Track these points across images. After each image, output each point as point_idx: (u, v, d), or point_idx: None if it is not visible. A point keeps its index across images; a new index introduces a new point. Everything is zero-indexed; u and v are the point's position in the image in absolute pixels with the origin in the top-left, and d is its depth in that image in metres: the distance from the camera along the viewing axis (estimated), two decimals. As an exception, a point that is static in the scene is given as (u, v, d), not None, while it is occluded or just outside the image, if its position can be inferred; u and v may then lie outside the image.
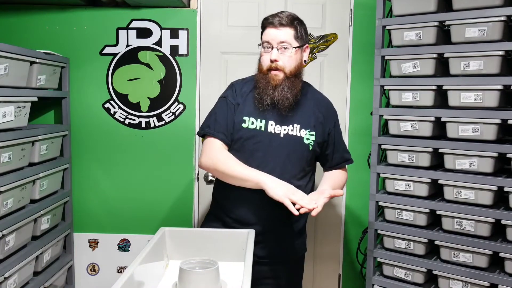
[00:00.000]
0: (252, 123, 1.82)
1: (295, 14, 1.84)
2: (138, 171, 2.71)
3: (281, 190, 1.65)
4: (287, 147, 1.81)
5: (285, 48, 1.77)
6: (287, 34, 1.77)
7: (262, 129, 1.81)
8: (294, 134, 1.82)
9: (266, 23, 1.80)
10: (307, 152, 1.84)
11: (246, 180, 1.73)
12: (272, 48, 1.77)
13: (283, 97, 1.78)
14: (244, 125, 1.81)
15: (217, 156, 1.79)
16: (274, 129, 1.81)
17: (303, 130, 1.83)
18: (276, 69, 1.77)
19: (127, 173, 2.72)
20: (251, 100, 1.85)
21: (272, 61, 1.77)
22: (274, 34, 1.77)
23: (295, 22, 1.80)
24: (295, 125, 1.83)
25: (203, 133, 1.87)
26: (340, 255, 2.76)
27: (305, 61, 1.87)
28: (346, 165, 2.03)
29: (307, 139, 1.83)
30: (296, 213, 1.60)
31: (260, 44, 1.83)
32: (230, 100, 1.86)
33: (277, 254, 1.87)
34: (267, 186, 1.67)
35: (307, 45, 1.87)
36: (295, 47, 1.79)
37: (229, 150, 1.84)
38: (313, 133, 1.85)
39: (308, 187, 1.89)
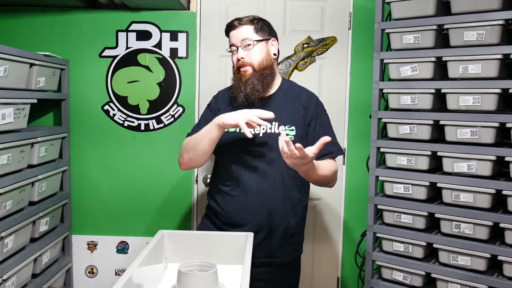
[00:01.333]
0: None
1: (257, 15, 1.93)
2: (137, 174, 2.71)
3: (234, 114, 1.70)
4: (267, 145, 1.84)
5: (248, 44, 1.84)
6: (246, 31, 1.85)
7: (241, 130, 1.83)
8: (273, 131, 1.85)
9: (228, 28, 1.90)
10: None
11: (209, 133, 1.78)
12: (237, 48, 1.85)
13: (253, 89, 1.82)
14: (225, 130, 1.85)
15: (183, 144, 1.89)
16: (253, 129, 1.84)
17: (282, 127, 1.85)
18: (244, 65, 1.84)
19: (126, 176, 2.72)
20: (232, 105, 1.90)
21: (238, 60, 1.85)
22: (235, 34, 1.86)
23: (254, 20, 1.88)
24: (273, 122, 1.85)
25: (188, 135, 1.95)
26: (339, 258, 2.76)
27: (274, 54, 1.92)
28: (332, 159, 1.88)
29: (287, 134, 1.84)
30: (250, 135, 1.65)
31: (228, 50, 1.91)
32: (213, 106, 1.99)
33: (267, 254, 1.86)
34: (222, 119, 1.73)
35: (273, 39, 1.92)
36: (257, 40, 1.85)
37: (215, 155, 1.93)
38: (293, 128, 1.85)
39: (301, 184, 1.90)
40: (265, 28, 1.89)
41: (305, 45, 2.65)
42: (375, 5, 2.07)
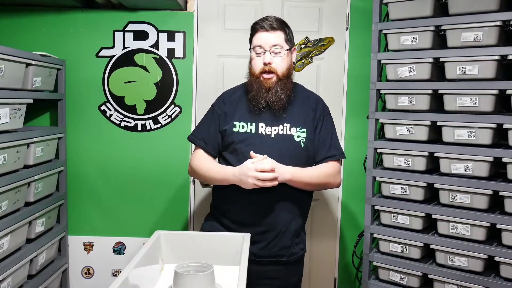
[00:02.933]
0: (243, 126, 1.87)
1: (281, 18, 1.92)
2: (133, 174, 2.71)
3: (248, 184, 1.72)
4: (279, 146, 1.84)
5: (278, 52, 1.83)
6: (278, 37, 1.83)
7: (253, 131, 1.86)
8: (285, 133, 1.86)
9: (257, 27, 1.86)
10: (299, 149, 1.86)
11: (224, 179, 1.83)
12: (265, 51, 1.83)
13: (277, 99, 1.83)
14: (235, 130, 1.87)
15: (195, 163, 1.92)
16: (265, 130, 1.85)
17: (293, 128, 1.86)
18: (270, 71, 1.83)
19: (123, 176, 2.71)
20: (242, 105, 1.90)
21: (265, 64, 1.82)
22: (266, 37, 1.83)
23: (283, 25, 1.87)
24: (285, 124, 1.86)
25: (188, 138, 2.00)
26: (336, 258, 2.76)
27: (294, 62, 1.93)
28: (335, 161, 1.92)
29: (298, 136, 1.86)
30: (270, 184, 1.71)
31: (251, 48, 1.88)
32: (216, 109, 1.95)
33: (275, 254, 1.87)
34: (240, 182, 1.76)
35: (294, 47, 1.94)
36: (287, 50, 1.85)
37: (224, 154, 1.90)
38: (304, 130, 1.87)
39: None
40: (291, 37, 1.90)
41: (302, 46, 2.65)
42: (373, 5, 2.07)
